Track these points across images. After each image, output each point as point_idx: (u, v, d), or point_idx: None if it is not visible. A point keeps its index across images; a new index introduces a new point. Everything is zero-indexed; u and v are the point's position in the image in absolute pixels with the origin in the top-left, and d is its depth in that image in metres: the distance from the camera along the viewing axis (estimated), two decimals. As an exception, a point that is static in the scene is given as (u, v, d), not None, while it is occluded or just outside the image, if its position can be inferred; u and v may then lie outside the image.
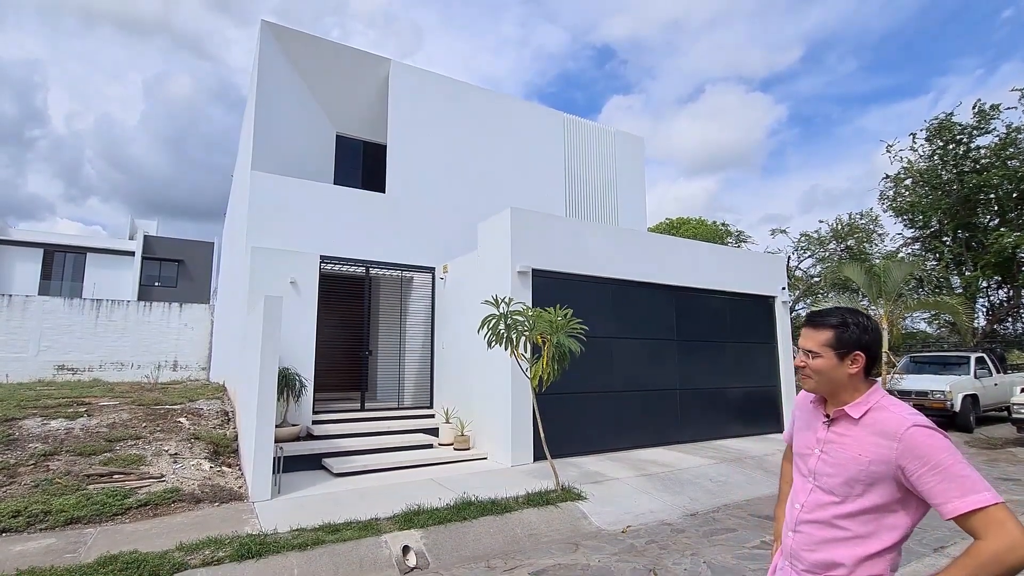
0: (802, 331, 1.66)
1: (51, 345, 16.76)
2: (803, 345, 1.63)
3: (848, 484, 1.49)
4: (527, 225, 7.79)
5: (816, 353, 1.59)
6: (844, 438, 1.54)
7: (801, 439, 1.71)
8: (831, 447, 1.56)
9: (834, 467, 1.54)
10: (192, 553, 3.95)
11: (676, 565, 4.21)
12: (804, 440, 1.68)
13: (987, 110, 16.80)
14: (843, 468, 1.51)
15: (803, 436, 1.70)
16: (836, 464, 1.53)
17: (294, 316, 7.73)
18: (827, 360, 1.57)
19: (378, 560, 4.18)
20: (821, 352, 1.58)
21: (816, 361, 1.59)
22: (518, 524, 4.96)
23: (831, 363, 1.56)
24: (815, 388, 1.62)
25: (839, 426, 1.57)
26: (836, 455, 1.54)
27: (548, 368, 5.66)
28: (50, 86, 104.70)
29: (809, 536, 1.57)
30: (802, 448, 1.68)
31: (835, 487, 1.52)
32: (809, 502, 1.59)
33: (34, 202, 68.30)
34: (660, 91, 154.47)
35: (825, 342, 1.58)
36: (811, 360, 1.60)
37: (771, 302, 10.72)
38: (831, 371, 1.57)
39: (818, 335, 1.60)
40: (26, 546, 4.09)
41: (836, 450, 1.55)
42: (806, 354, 1.61)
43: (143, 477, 5.53)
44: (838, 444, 1.55)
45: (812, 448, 1.63)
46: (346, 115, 11.05)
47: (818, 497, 1.57)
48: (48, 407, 7.24)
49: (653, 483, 6.38)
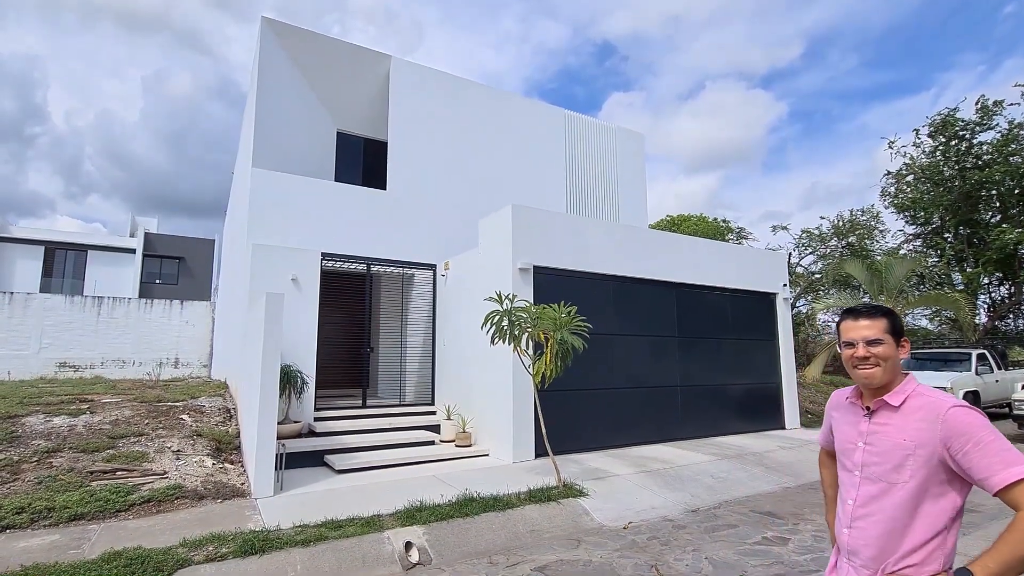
0: (848, 325, 1.67)
1: (53, 342, 16.78)
2: (862, 336, 1.62)
3: (896, 470, 1.52)
4: (528, 222, 7.78)
5: (880, 340, 1.60)
6: (887, 427, 1.58)
7: (842, 436, 1.73)
8: (874, 437, 1.59)
9: (880, 455, 1.57)
10: (196, 549, 3.96)
11: (678, 561, 4.22)
12: (846, 436, 1.71)
13: (990, 106, 16.75)
14: (889, 455, 1.54)
15: (844, 432, 1.72)
16: (881, 452, 1.56)
17: (295, 313, 7.73)
18: (889, 346, 1.60)
19: (381, 556, 4.19)
20: (884, 339, 1.61)
21: (881, 348, 1.60)
22: (520, 520, 4.97)
23: (892, 349, 1.60)
24: (882, 378, 1.60)
25: (880, 416, 1.60)
26: (880, 444, 1.57)
27: (551, 365, 5.66)
28: (50, 83, 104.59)
29: (864, 530, 1.58)
30: (845, 444, 1.71)
31: (883, 475, 1.55)
32: (860, 495, 1.61)
33: (35, 199, 68.38)
34: (661, 88, 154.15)
35: (885, 328, 1.61)
36: (876, 348, 1.60)
37: (772, 299, 10.72)
38: (894, 356, 1.60)
39: (876, 323, 1.62)
40: (30, 542, 4.11)
41: (880, 439, 1.58)
42: (869, 344, 1.61)
43: (146, 474, 5.54)
44: (881, 433, 1.58)
45: (855, 442, 1.66)
46: (347, 112, 11.03)
47: (868, 489, 1.59)
48: (51, 404, 7.25)
49: (654, 479, 6.39)
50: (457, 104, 11.02)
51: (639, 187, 14.01)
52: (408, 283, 10.06)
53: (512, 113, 11.89)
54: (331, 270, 8.95)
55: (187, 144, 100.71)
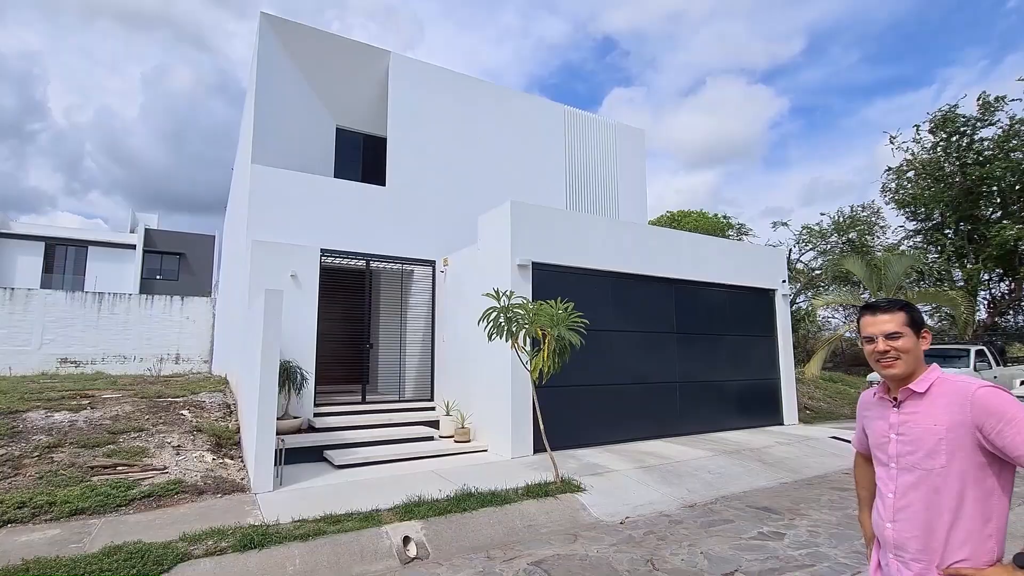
0: (868, 320, 1.70)
1: (54, 338, 16.85)
2: (881, 330, 1.65)
3: (929, 456, 1.53)
4: (527, 218, 7.79)
5: (899, 333, 1.63)
6: (915, 414, 1.60)
7: (875, 432, 1.74)
8: (905, 426, 1.62)
9: (912, 443, 1.58)
10: (195, 543, 4.00)
11: (674, 556, 4.25)
12: (878, 431, 1.72)
13: (991, 102, 16.71)
14: (921, 442, 1.56)
15: (876, 428, 1.74)
16: (913, 440, 1.58)
17: (295, 309, 7.76)
18: (910, 339, 1.63)
19: (379, 550, 4.22)
20: (904, 332, 1.63)
21: (902, 341, 1.63)
22: (517, 515, 5.00)
23: (913, 341, 1.63)
24: (904, 370, 1.63)
25: (907, 405, 1.63)
26: (911, 431, 1.59)
27: (548, 361, 5.69)
28: (50, 79, 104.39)
29: (908, 521, 1.58)
30: (878, 439, 1.72)
31: (918, 462, 1.56)
32: (899, 487, 1.61)
33: (35, 195, 68.43)
34: (662, 83, 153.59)
35: (904, 322, 1.64)
36: (896, 342, 1.63)
37: (771, 295, 10.73)
38: (915, 348, 1.63)
39: (896, 317, 1.65)
40: (31, 536, 4.14)
41: (910, 427, 1.60)
42: (889, 337, 1.63)
43: (146, 469, 5.58)
44: (911, 421, 1.60)
45: (887, 434, 1.67)
46: (346, 108, 11.02)
47: (905, 479, 1.59)
48: (52, 400, 7.30)
49: (652, 475, 6.43)
50: (456, 100, 11.01)
51: (639, 183, 14.00)
52: (407, 279, 10.08)
53: (512, 109, 11.87)
54: (330, 266, 8.97)
55: (187, 140, 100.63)
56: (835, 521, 5.11)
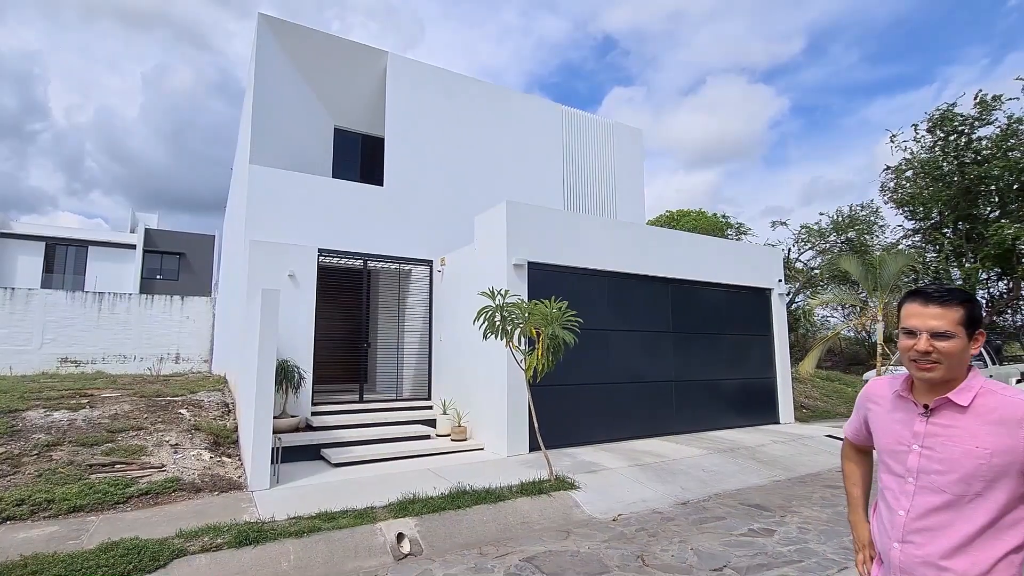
0: (914, 309, 1.42)
1: (54, 338, 16.92)
2: (928, 326, 1.37)
3: (965, 481, 1.32)
4: (523, 218, 7.84)
5: (949, 334, 1.36)
6: (952, 429, 1.37)
7: (889, 435, 1.51)
8: (935, 440, 1.39)
9: (944, 463, 1.36)
10: (191, 540, 4.05)
11: (664, 552, 4.30)
12: (895, 435, 1.49)
13: (989, 101, 16.72)
14: (957, 464, 1.34)
15: (892, 431, 1.50)
16: (946, 460, 1.36)
17: (293, 309, 7.81)
18: (960, 341, 1.36)
19: (373, 547, 4.28)
20: (956, 332, 1.36)
21: (949, 343, 1.35)
22: (511, 512, 5.05)
23: (963, 344, 1.36)
24: (941, 376, 1.38)
25: (942, 416, 1.39)
26: (945, 450, 1.36)
27: (543, 359, 5.74)
28: (51, 79, 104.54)
29: (923, 547, 1.38)
30: (894, 445, 1.49)
31: (947, 485, 1.35)
32: (916, 507, 1.40)
33: (36, 195, 68.54)
34: (662, 82, 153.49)
35: (959, 320, 1.36)
36: (943, 343, 1.36)
37: (768, 294, 10.77)
38: (962, 354, 1.36)
39: (950, 313, 1.37)
40: (30, 533, 4.20)
41: (944, 444, 1.37)
42: (936, 337, 1.36)
43: (144, 467, 5.64)
44: (945, 437, 1.37)
45: (908, 444, 1.44)
46: (344, 108, 11.07)
47: (927, 500, 1.38)
48: (51, 399, 7.35)
49: (646, 473, 6.48)
50: (454, 100, 11.05)
51: (637, 183, 14.04)
52: (405, 279, 10.13)
53: (510, 109, 11.91)
54: (328, 266, 9.03)
55: (187, 139, 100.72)
56: (825, 518, 5.16)
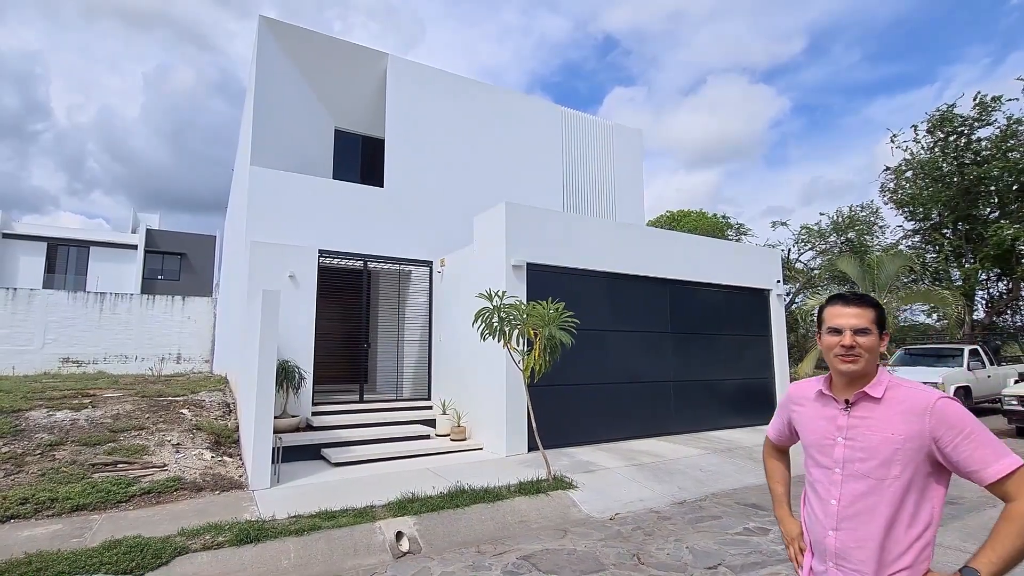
0: (836, 310, 1.61)
1: (56, 338, 17.00)
2: (848, 323, 1.56)
3: (884, 466, 1.47)
4: (522, 219, 7.89)
5: (867, 330, 1.55)
6: (869, 420, 1.53)
7: (815, 431, 1.65)
8: (856, 431, 1.54)
9: (865, 451, 1.51)
10: (193, 538, 4.11)
11: (659, 550, 4.35)
12: (820, 431, 1.64)
13: (988, 102, 16.76)
14: (876, 450, 1.49)
15: (816, 427, 1.65)
16: (867, 448, 1.51)
17: (293, 309, 7.86)
18: (874, 337, 1.56)
19: (372, 545, 4.33)
20: (871, 329, 1.56)
21: (867, 338, 1.55)
22: (509, 512, 5.10)
23: (876, 340, 1.56)
24: (862, 368, 1.55)
25: (860, 409, 1.55)
26: (865, 439, 1.51)
27: (540, 360, 5.79)
28: (52, 79, 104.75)
29: (855, 531, 1.52)
30: (819, 439, 1.63)
31: (870, 471, 1.49)
32: (845, 494, 1.54)
33: (38, 196, 68.72)
34: (662, 82, 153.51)
35: (873, 319, 1.57)
36: (863, 338, 1.55)
37: (766, 295, 10.81)
38: (876, 349, 1.56)
39: (867, 312, 1.57)
40: (34, 531, 4.26)
41: (864, 433, 1.52)
42: (857, 333, 1.55)
43: (146, 466, 5.69)
44: (864, 427, 1.53)
45: (834, 437, 1.59)
46: (345, 110, 11.13)
47: (854, 487, 1.52)
48: (54, 399, 7.42)
49: (643, 473, 6.53)
50: (454, 102, 11.11)
51: (636, 184, 14.09)
52: (405, 279, 10.18)
53: (509, 110, 11.97)
54: (329, 267, 9.08)
55: (188, 139, 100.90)
56: (821, 517, 5.20)
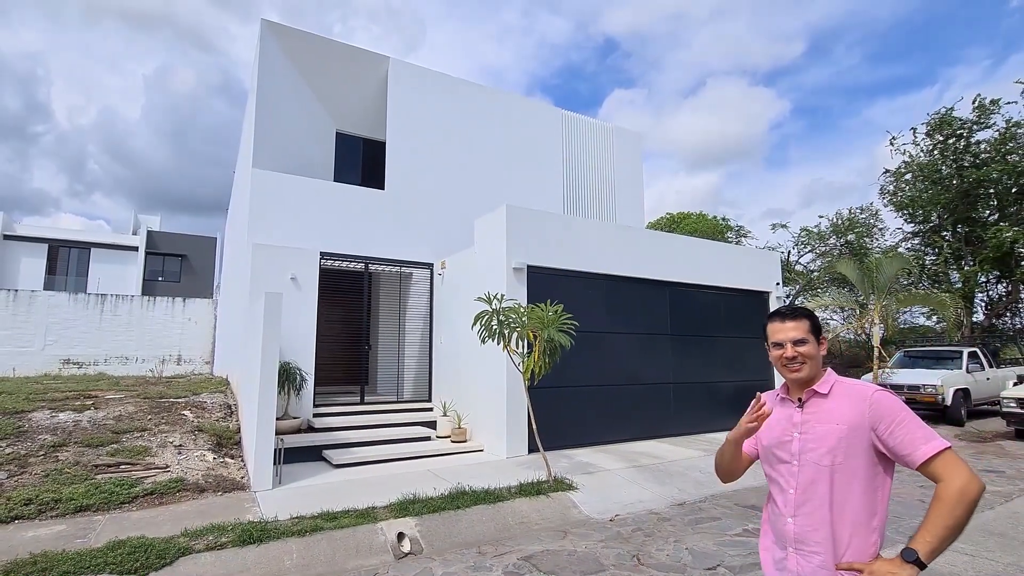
0: (776, 327, 1.79)
1: (57, 339, 17.02)
2: (787, 336, 1.75)
3: (831, 452, 1.61)
4: (522, 221, 7.93)
5: (804, 339, 1.73)
6: (818, 413, 1.69)
7: (775, 432, 1.79)
8: (808, 425, 1.69)
9: (815, 440, 1.66)
10: (196, 538, 4.14)
11: (659, 551, 4.38)
12: (780, 431, 1.78)
13: (987, 105, 16.81)
14: (823, 439, 1.64)
15: (777, 428, 1.79)
16: (816, 437, 1.66)
17: (294, 311, 7.90)
18: (813, 345, 1.74)
19: (373, 546, 4.36)
20: (808, 338, 1.74)
21: (806, 347, 1.72)
22: (510, 513, 5.14)
23: (815, 347, 1.73)
24: (808, 374, 1.72)
25: (811, 405, 1.72)
26: (814, 430, 1.67)
27: (539, 362, 5.82)
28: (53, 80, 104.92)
29: (811, 515, 1.65)
30: (780, 439, 1.77)
31: (819, 458, 1.63)
32: (801, 483, 1.67)
33: (39, 197, 68.70)
34: (663, 84, 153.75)
35: (808, 329, 1.75)
36: (802, 347, 1.72)
37: (765, 297, 10.85)
38: (817, 354, 1.73)
39: (801, 324, 1.75)
40: (38, 532, 4.29)
41: (813, 426, 1.68)
42: (796, 344, 1.73)
43: (149, 467, 5.73)
44: (814, 420, 1.69)
45: (790, 433, 1.74)
46: (346, 112, 11.18)
47: (807, 474, 1.65)
48: (56, 400, 7.45)
49: (643, 474, 6.55)
50: (455, 104, 11.16)
51: (636, 186, 14.13)
52: (406, 281, 10.22)
53: (510, 113, 12.02)
54: (330, 269, 9.12)
55: (190, 141, 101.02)
56: (820, 519, 5.23)
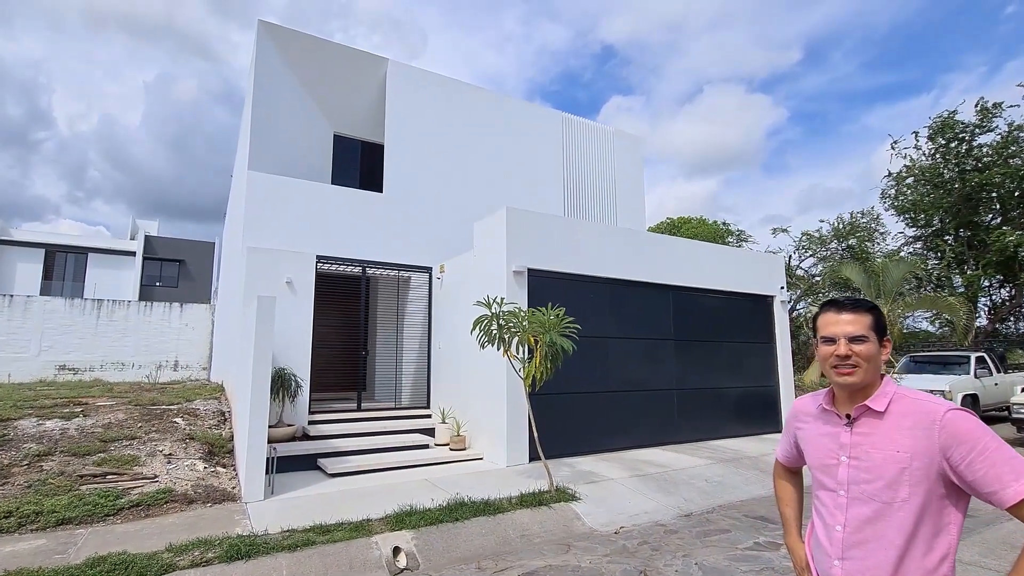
0: (830, 318, 1.48)
1: (53, 345, 16.81)
2: (843, 331, 1.44)
3: (890, 487, 1.34)
4: (523, 224, 7.77)
5: (863, 337, 1.42)
6: (873, 437, 1.39)
7: (819, 450, 1.52)
8: (860, 450, 1.41)
9: (870, 471, 1.38)
10: (181, 554, 3.94)
11: (667, 567, 4.19)
12: (823, 450, 1.50)
13: (989, 108, 16.72)
14: (881, 470, 1.35)
15: (821, 446, 1.51)
16: (871, 467, 1.37)
17: (290, 316, 7.72)
18: (873, 345, 1.43)
19: (368, 561, 4.17)
20: (868, 336, 1.43)
21: (864, 346, 1.42)
22: (510, 525, 4.94)
23: (875, 348, 1.43)
24: (862, 379, 1.42)
25: (863, 425, 1.42)
26: (869, 457, 1.38)
27: (541, 368, 5.64)
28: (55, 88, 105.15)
29: (862, 560, 1.38)
30: (823, 459, 1.50)
31: (876, 493, 1.36)
32: (851, 519, 1.40)
33: (40, 204, 68.75)
34: (661, 91, 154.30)
35: (870, 325, 1.44)
36: (860, 346, 1.42)
37: (769, 301, 10.68)
38: (876, 357, 1.42)
39: (862, 318, 1.44)
40: (16, 547, 4.09)
41: (868, 452, 1.39)
42: (852, 341, 1.42)
43: (136, 477, 5.53)
44: (868, 445, 1.39)
45: (837, 456, 1.46)
46: (344, 115, 11.05)
47: (860, 511, 1.39)
48: (44, 407, 7.25)
49: (648, 483, 6.36)
50: (454, 107, 11.03)
51: (637, 190, 13.99)
52: (404, 286, 10.05)
53: (509, 116, 11.89)
54: (326, 273, 8.95)
55: (191, 148, 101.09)
56: (832, 531, 5.03)
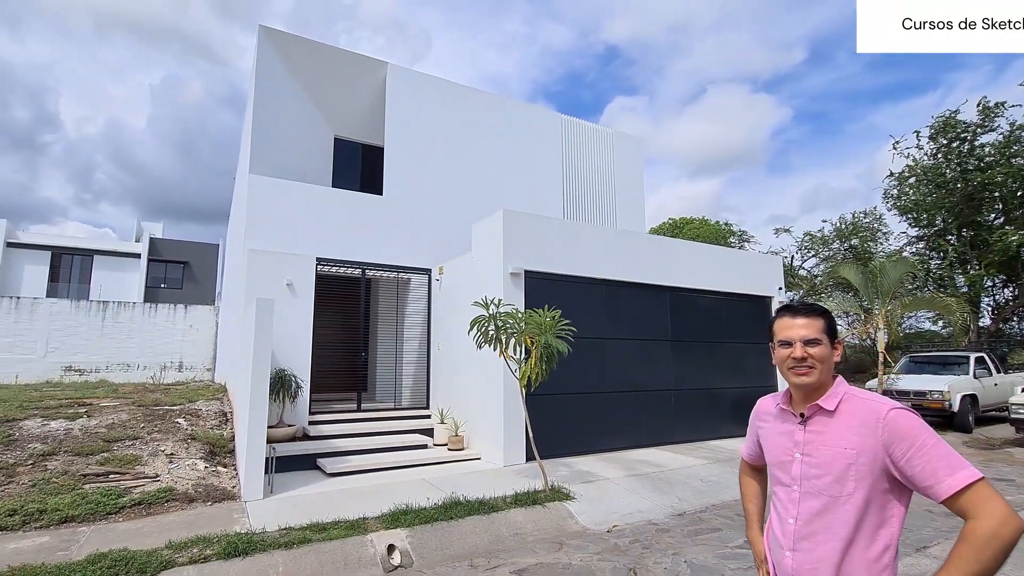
0: (785, 323, 1.56)
1: (59, 346, 17.00)
2: (797, 335, 1.52)
3: (838, 482, 1.41)
4: (520, 226, 7.84)
5: (817, 340, 1.50)
6: (823, 435, 1.47)
7: (776, 447, 1.61)
8: (812, 447, 1.48)
9: (819, 467, 1.46)
10: (180, 551, 4.04)
11: (657, 564, 4.25)
12: (780, 447, 1.59)
13: (991, 107, 16.66)
14: (830, 465, 1.43)
15: (778, 443, 1.60)
16: (821, 463, 1.45)
17: (290, 318, 7.82)
18: (826, 347, 1.51)
19: (363, 559, 4.25)
20: (822, 339, 1.51)
21: (818, 349, 1.50)
22: (504, 523, 5.01)
23: (828, 350, 1.51)
24: (817, 379, 1.49)
25: (815, 423, 1.50)
26: (819, 454, 1.46)
27: (536, 368, 5.71)
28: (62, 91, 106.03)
29: (811, 552, 1.45)
30: (780, 456, 1.58)
31: (825, 488, 1.44)
32: (802, 512, 1.48)
33: (47, 206, 69.35)
34: (664, 91, 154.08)
35: (822, 329, 1.52)
36: (814, 349, 1.49)
37: (767, 302, 10.70)
38: (829, 359, 1.51)
39: (815, 322, 1.52)
40: (20, 544, 4.20)
41: (818, 448, 1.47)
42: (807, 344, 1.50)
43: (138, 477, 5.63)
44: (819, 442, 1.47)
45: (791, 453, 1.54)
46: (344, 118, 11.15)
47: (810, 505, 1.47)
48: (49, 408, 7.38)
49: (642, 483, 6.42)
50: (454, 109, 11.11)
51: (637, 191, 14.04)
52: (403, 287, 10.14)
53: (509, 118, 11.96)
54: (327, 274, 9.04)
55: (196, 150, 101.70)
56: (823, 530, 5.08)
